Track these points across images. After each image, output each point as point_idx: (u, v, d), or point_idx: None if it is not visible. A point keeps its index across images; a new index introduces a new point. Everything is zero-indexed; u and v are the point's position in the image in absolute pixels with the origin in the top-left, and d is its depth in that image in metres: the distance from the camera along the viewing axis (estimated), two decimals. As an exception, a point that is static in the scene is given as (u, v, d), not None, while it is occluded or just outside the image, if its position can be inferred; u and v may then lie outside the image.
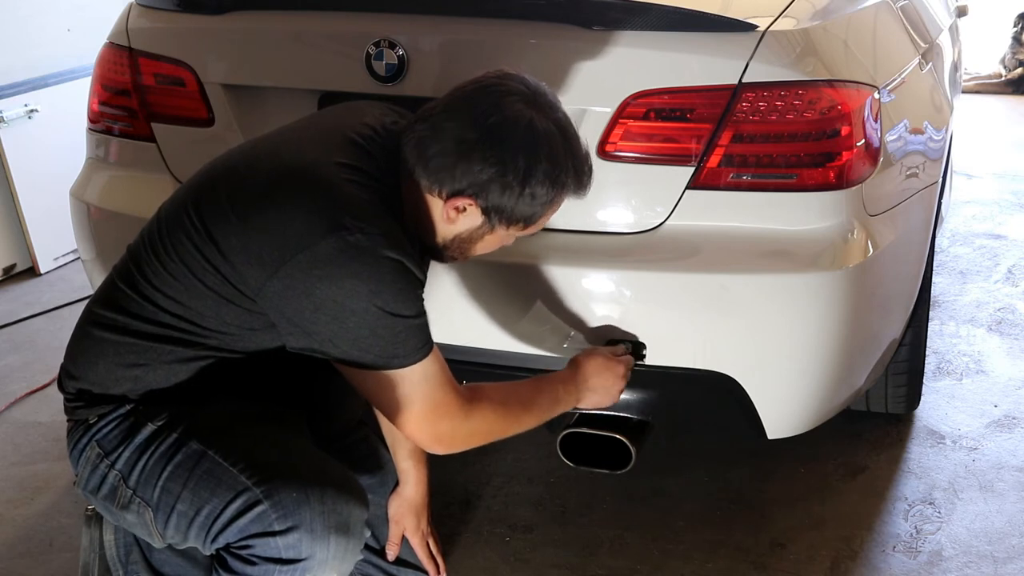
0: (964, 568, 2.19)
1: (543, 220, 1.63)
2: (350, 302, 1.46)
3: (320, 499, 1.50)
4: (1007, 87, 6.88)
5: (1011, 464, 2.55)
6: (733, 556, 2.23)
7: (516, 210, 1.57)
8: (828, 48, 2.00)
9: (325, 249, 1.45)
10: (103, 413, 1.58)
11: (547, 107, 1.57)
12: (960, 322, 3.32)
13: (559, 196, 1.60)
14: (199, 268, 1.52)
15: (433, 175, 1.55)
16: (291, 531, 1.48)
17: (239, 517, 1.50)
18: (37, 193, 3.87)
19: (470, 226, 1.60)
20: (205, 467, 1.52)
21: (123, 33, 2.28)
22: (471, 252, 1.68)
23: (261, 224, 1.48)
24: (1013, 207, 4.45)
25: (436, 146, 1.54)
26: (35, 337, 3.39)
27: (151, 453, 1.54)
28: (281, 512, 1.48)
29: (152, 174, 2.27)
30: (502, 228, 1.61)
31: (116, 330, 1.57)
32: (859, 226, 1.93)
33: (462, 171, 1.53)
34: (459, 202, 1.56)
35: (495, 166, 1.53)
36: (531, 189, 1.55)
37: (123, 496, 1.57)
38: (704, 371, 1.96)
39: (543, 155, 1.54)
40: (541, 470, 2.53)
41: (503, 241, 1.67)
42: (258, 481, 1.50)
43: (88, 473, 1.60)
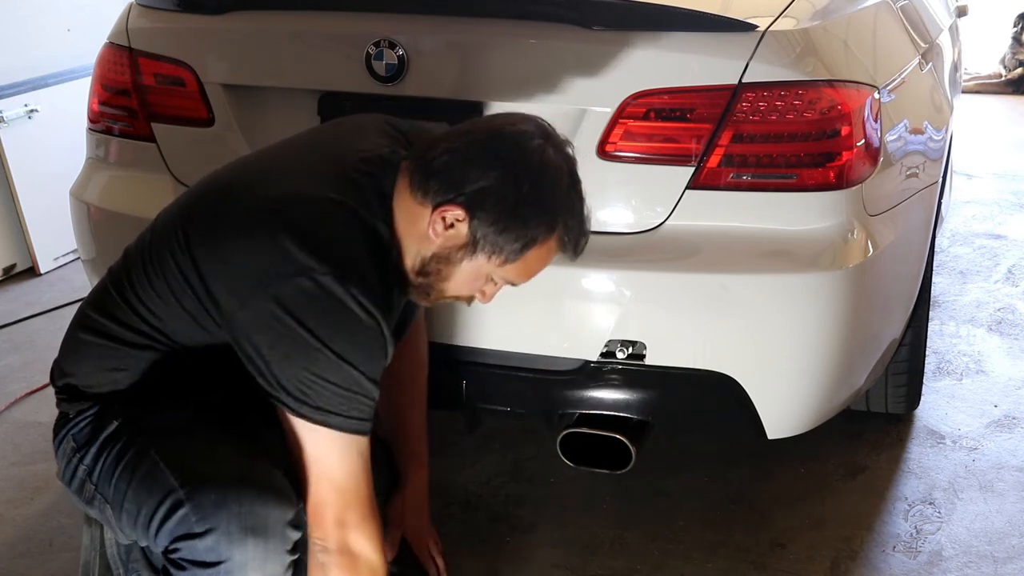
0: (964, 568, 2.19)
1: (522, 268, 1.54)
2: (306, 342, 1.43)
3: (237, 500, 1.48)
4: (1007, 87, 6.88)
5: (1011, 464, 2.55)
6: (733, 556, 2.23)
7: (503, 236, 1.48)
8: (828, 48, 2.00)
9: (295, 287, 1.43)
10: (81, 409, 1.61)
11: (561, 146, 1.53)
12: (960, 322, 3.32)
13: (549, 239, 1.51)
14: (179, 289, 1.53)
15: (429, 179, 1.49)
16: (208, 533, 1.47)
17: (168, 519, 1.50)
18: (37, 193, 3.87)
19: (452, 244, 1.51)
20: (146, 467, 1.53)
21: (123, 33, 2.28)
22: (444, 284, 1.57)
23: (239, 255, 1.48)
24: (1013, 207, 4.45)
25: (440, 150, 1.50)
26: (35, 337, 3.39)
27: (109, 451, 1.57)
28: (200, 514, 1.48)
29: (152, 174, 2.27)
30: (482, 257, 1.51)
31: (101, 334, 1.60)
32: (859, 226, 1.93)
33: (460, 174, 1.47)
34: (447, 211, 1.48)
35: (495, 177, 1.47)
36: (525, 212, 1.47)
37: (88, 491, 1.60)
38: (704, 371, 1.96)
39: (547, 185, 1.48)
40: (541, 470, 2.53)
41: (479, 281, 1.56)
42: (183, 482, 1.50)
43: (64, 466, 1.63)
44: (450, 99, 2.03)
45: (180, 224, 1.56)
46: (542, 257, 1.54)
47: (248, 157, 1.72)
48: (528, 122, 1.53)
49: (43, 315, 3.55)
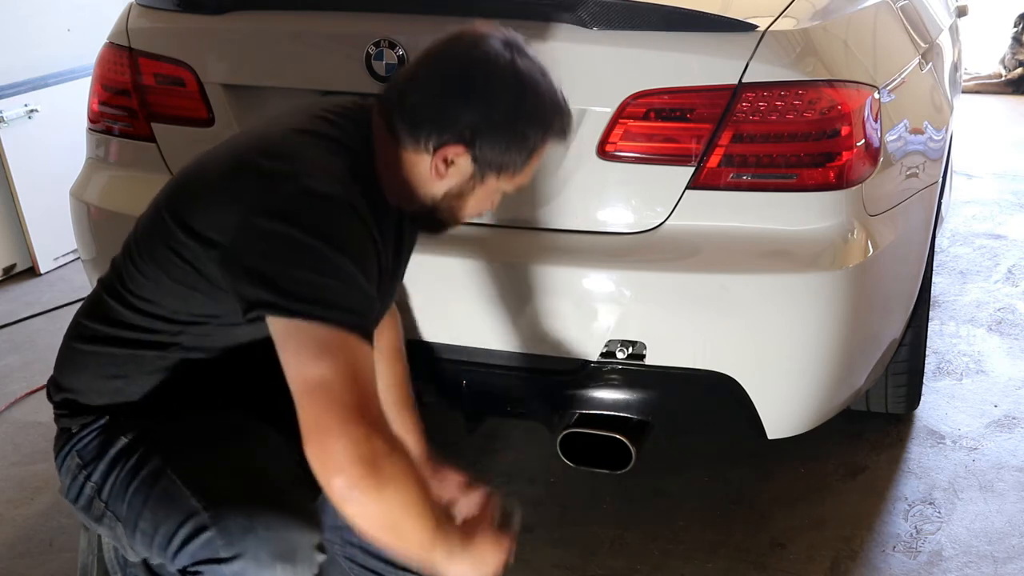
0: (964, 568, 2.19)
1: (529, 169, 1.56)
2: (297, 238, 1.37)
3: (266, 526, 1.44)
4: (1007, 87, 6.88)
5: (1011, 464, 2.55)
6: (733, 556, 2.23)
7: (507, 155, 1.50)
8: (828, 48, 2.00)
9: (281, 197, 1.40)
10: (85, 423, 1.56)
11: (524, 51, 1.53)
12: (960, 322, 3.32)
13: (546, 138, 1.53)
14: (165, 261, 1.49)
15: (417, 127, 1.48)
16: (236, 559, 1.43)
17: (189, 541, 1.46)
18: (37, 193, 3.87)
19: (460, 179, 1.52)
20: (163, 485, 1.49)
21: (123, 33, 2.28)
22: (462, 211, 1.58)
23: (224, 194, 1.45)
24: (1013, 207, 4.45)
25: (416, 96, 1.49)
26: (35, 337, 3.39)
27: (121, 467, 1.52)
28: (227, 539, 1.44)
29: (152, 174, 2.26)
30: (492, 178, 1.53)
31: (97, 340, 1.57)
32: (859, 226, 1.93)
33: (448, 117, 1.47)
34: (448, 152, 1.48)
35: (482, 107, 1.47)
36: (521, 129, 1.49)
37: (97, 509, 1.56)
38: (704, 371, 1.96)
39: (529, 93, 1.49)
40: (541, 470, 2.53)
41: (491, 197, 1.58)
42: (207, 505, 1.45)
43: (69, 482, 1.59)
44: (450, 99, 2.03)
45: (160, 211, 1.54)
46: (541, 156, 1.57)
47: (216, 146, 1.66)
48: (489, 39, 1.52)
49: (43, 315, 3.55)
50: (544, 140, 1.53)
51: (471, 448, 2.62)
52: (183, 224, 1.49)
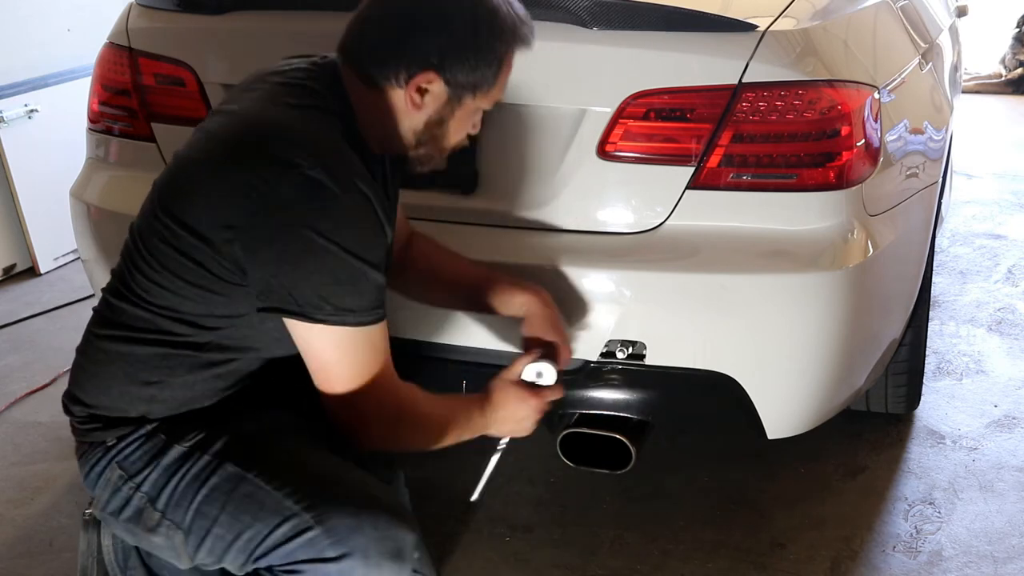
0: (964, 568, 2.19)
1: (502, 82, 1.58)
2: (311, 241, 1.41)
3: (374, 525, 1.48)
4: (1007, 87, 6.88)
5: (1011, 464, 2.55)
6: (733, 556, 2.23)
7: (477, 72, 1.52)
8: (828, 48, 2.00)
9: (284, 191, 1.42)
10: (123, 435, 1.55)
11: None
12: (960, 322, 3.32)
13: (511, 47, 1.55)
14: (178, 266, 1.50)
15: (384, 65, 1.51)
16: (345, 558, 1.46)
17: (287, 542, 1.47)
18: (37, 193, 3.87)
19: (437, 105, 1.54)
20: (245, 491, 1.50)
21: (123, 33, 2.28)
22: (445, 140, 1.60)
23: (222, 192, 1.45)
24: (1013, 207, 4.46)
25: (374, 36, 1.52)
26: (35, 337, 3.39)
27: (183, 475, 1.52)
28: (335, 538, 1.46)
29: (152, 174, 2.22)
30: (469, 99, 1.55)
31: (124, 342, 1.55)
32: (859, 226, 1.93)
33: (411, 47, 1.49)
34: (420, 80, 1.51)
35: (442, 31, 1.49)
36: (486, 42, 1.51)
37: (150, 518, 1.55)
38: (704, 371, 1.96)
39: (483, 8, 1.51)
40: (541, 470, 2.53)
41: (470, 118, 1.60)
42: (308, 506, 1.47)
43: (109, 495, 1.57)
44: (450, 99, 2.03)
45: (158, 209, 1.53)
46: (511, 65, 1.59)
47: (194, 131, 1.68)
48: None
49: (43, 315, 3.55)
50: (509, 50, 1.56)
51: (471, 448, 2.61)
52: (183, 224, 1.49)
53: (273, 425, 1.59)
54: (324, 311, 1.45)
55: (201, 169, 1.51)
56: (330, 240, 1.42)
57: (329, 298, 1.44)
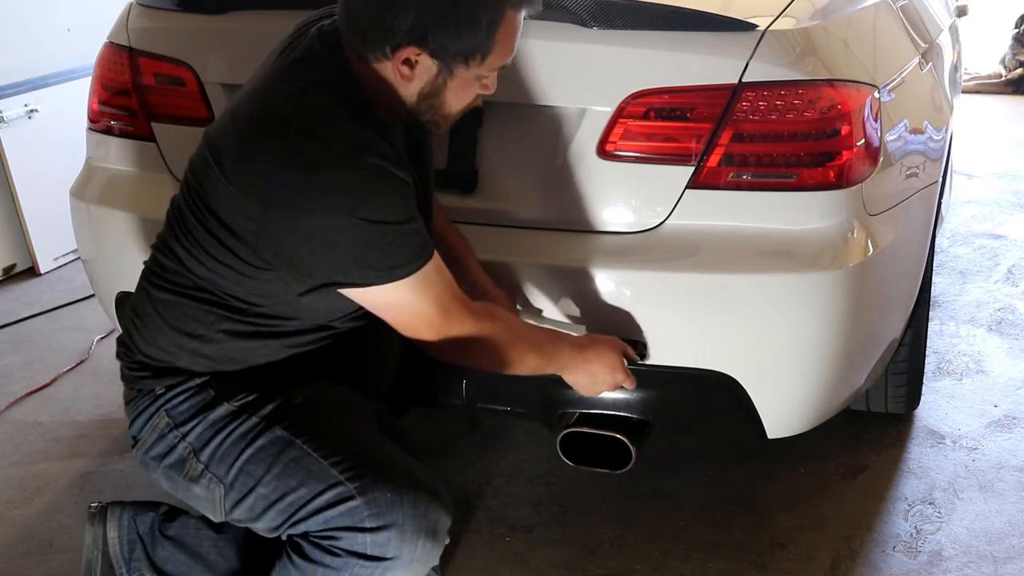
0: (964, 568, 2.19)
1: (502, 49, 1.54)
2: (335, 222, 1.46)
3: (413, 503, 1.54)
4: (1007, 87, 6.88)
5: (1011, 464, 2.55)
6: (733, 556, 2.23)
7: (462, 41, 1.50)
8: (828, 48, 2.00)
9: (294, 178, 1.46)
10: (172, 384, 1.62)
11: None
12: (960, 322, 3.32)
13: (504, 15, 1.51)
14: (213, 247, 1.56)
15: (369, 38, 1.51)
16: (382, 529, 1.52)
17: (328, 509, 1.53)
18: (37, 193, 3.87)
19: (428, 76, 1.53)
20: (292, 455, 1.56)
21: (123, 33, 2.28)
22: (445, 108, 1.59)
23: (242, 181, 1.51)
24: (1013, 207, 4.45)
25: (356, 8, 1.52)
26: (35, 337, 3.38)
27: (229, 432, 1.58)
28: (375, 510, 1.52)
29: (152, 174, 2.27)
30: (462, 68, 1.53)
31: (169, 293, 1.61)
32: (859, 226, 1.93)
33: (391, 20, 1.48)
34: (404, 54, 1.50)
35: (421, 2, 1.47)
36: (467, 13, 1.48)
37: (192, 469, 1.61)
38: (704, 371, 1.96)
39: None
40: (541, 470, 2.53)
41: (471, 86, 1.58)
42: (352, 477, 1.54)
43: (154, 440, 1.64)
44: (450, 99, 2.03)
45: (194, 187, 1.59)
46: (510, 31, 1.55)
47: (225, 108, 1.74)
48: None
49: (43, 315, 3.54)
50: (500, 16, 1.51)
51: (471, 448, 2.62)
52: (212, 212, 1.55)
53: (323, 397, 1.65)
54: (371, 275, 1.51)
55: (221, 156, 1.55)
56: (350, 216, 1.46)
57: (371, 263, 1.50)
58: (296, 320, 1.62)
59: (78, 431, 2.78)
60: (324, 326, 1.64)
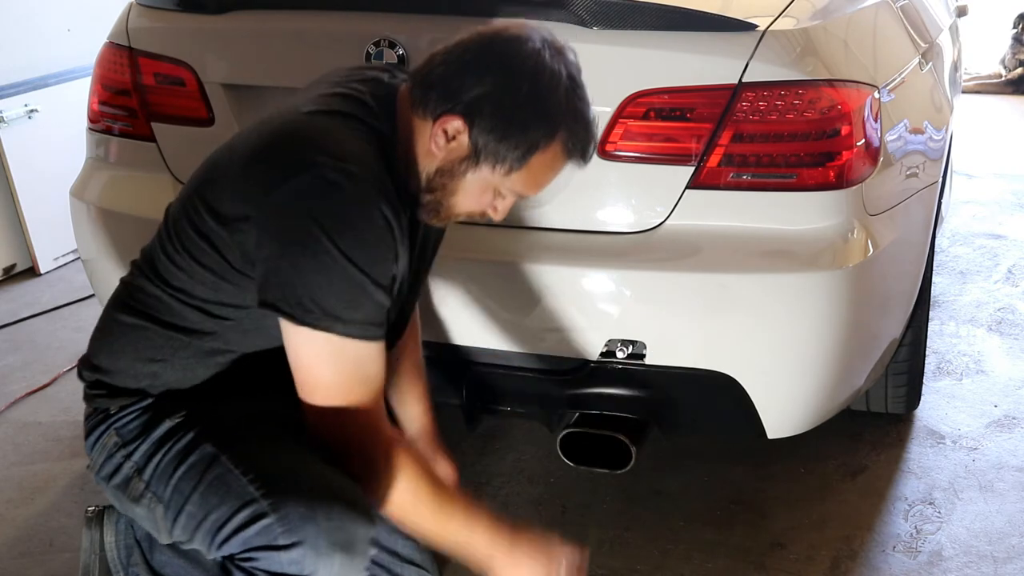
0: (964, 568, 2.19)
1: (529, 176, 1.50)
2: (313, 240, 1.39)
3: (327, 516, 1.46)
4: (1007, 87, 6.88)
5: (1011, 464, 2.55)
6: (733, 556, 2.23)
7: (503, 144, 1.45)
8: (828, 48, 2.00)
9: (299, 183, 1.41)
10: (124, 404, 1.59)
11: (562, 51, 1.49)
12: (960, 322, 3.32)
13: (551, 145, 1.47)
14: (196, 249, 1.52)
15: (428, 91, 1.48)
16: (295, 547, 1.45)
17: (244, 528, 1.47)
18: (37, 193, 3.87)
19: (454, 157, 1.48)
20: (216, 472, 1.50)
21: (123, 33, 2.28)
22: (451, 199, 1.53)
23: (248, 174, 1.47)
24: (1013, 207, 4.45)
25: (439, 65, 1.48)
26: (35, 337, 3.38)
27: (167, 450, 1.54)
28: (287, 527, 1.45)
29: (152, 174, 2.27)
30: (486, 169, 1.48)
31: (138, 318, 1.58)
32: (859, 226, 1.93)
33: (457, 86, 1.45)
34: (447, 122, 1.46)
35: (491, 83, 1.44)
36: (523, 118, 1.44)
37: (135, 488, 1.57)
38: (704, 371, 1.96)
39: (544, 89, 1.45)
40: (541, 470, 2.53)
41: (485, 193, 1.52)
42: (266, 493, 1.47)
43: (103, 460, 1.61)
44: (450, 99, 2.03)
45: (194, 193, 1.56)
46: (548, 165, 1.50)
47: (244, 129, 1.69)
48: (525, 28, 1.50)
49: (43, 315, 3.54)
50: (547, 142, 1.47)
51: (471, 448, 2.62)
52: (210, 208, 1.51)
53: (258, 412, 1.59)
54: (312, 314, 1.42)
55: (236, 159, 1.53)
56: (333, 242, 1.39)
57: (319, 300, 1.41)
58: (257, 346, 1.57)
59: (78, 431, 2.77)
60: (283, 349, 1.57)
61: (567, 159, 1.51)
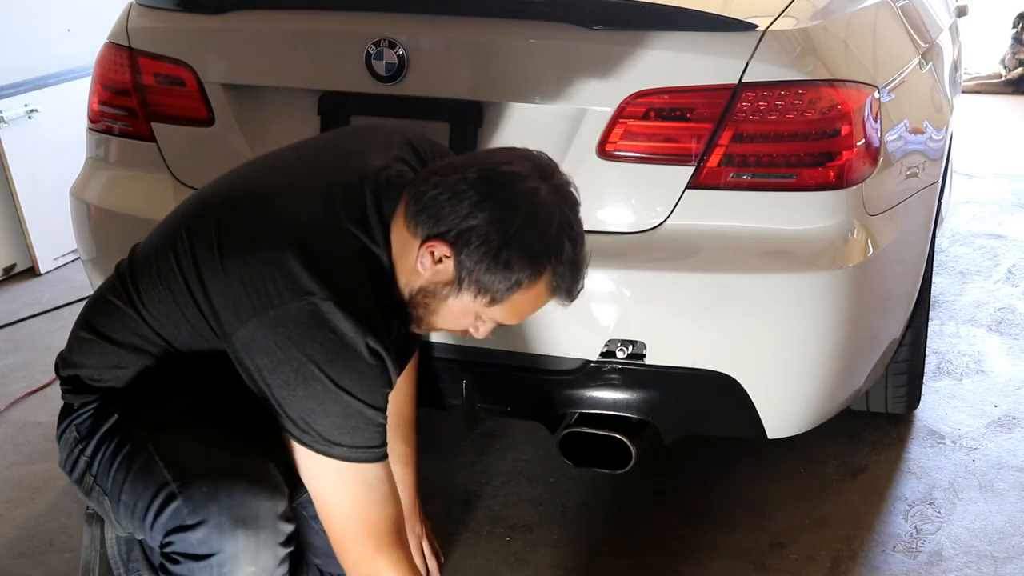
0: (964, 568, 2.19)
1: (510, 309, 1.50)
2: (304, 369, 1.42)
3: (229, 493, 1.48)
4: (1007, 87, 6.88)
5: (1011, 464, 2.55)
6: (733, 556, 2.23)
7: (486, 276, 1.45)
8: (828, 48, 2.00)
9: (295, 310, 1.43)
10: (85, 401, 1.62)
11: (559, 187, 1.48)
12: (960, 322, 3.32)
13: (536, 283, 1.47)
14: (182, 299, 1.54)
15: (419, 212, 1.47)
16: (200, 526, 1.48)
17: (160, 512, 1.50)
18: (37, 193, 3.87)
19: (438, 280, 1.48)
20: (142, 460, 1.54)
21: (123, 33, 2.28)
22: (432, 316, 1.54)
23: (242, 274, 1.47)
24: (1013, 207, 4.45)
25: (433, 188, 1.47)
26: (35, 337, 3.38)
27: (109, 443, 1.58)
28: (191, 507, 1.48)
29: (152, 174, 2.27)
30: (468, 296, 1.48)
31: (102, 336, 1.61)
32: (859, 226, 1.93)
33: (449, 211, 1.44)
34: (435, 246, 1.45)
35: (483, 218, 1.43)
36: (508, 255, 1.43)
37: (87, 482, 1.62)
38: (704, 371, 1.95)
39: (535, 228, 1.44)
40: (541, 470, 2.53)
41: (465, 318, 1.53)
42: (175, 475, 1.50)
43: (66, 455, 1.65)
44: (450, 99, 2.03)
45: (185, 231, 1.56)
46: (531, 300, 1.50)
47: (257, 162, 1.71)
48: (525, 160, 1.49)
49: (43, 315, 3.55)
50: (531, 282, 1.46)
51: (471, 448, 2.62)
52: (198, 271, 1.52)
53: (197, 403, 1.61)
54: (310, 436, 1.47)
55: (231, 230, 1.52)
56: (324, 372, 1.43)
57: (314, 426, 1.46)
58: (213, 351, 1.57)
59: (78, 431, 2.78)
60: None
61: (551, 297, 1.51)
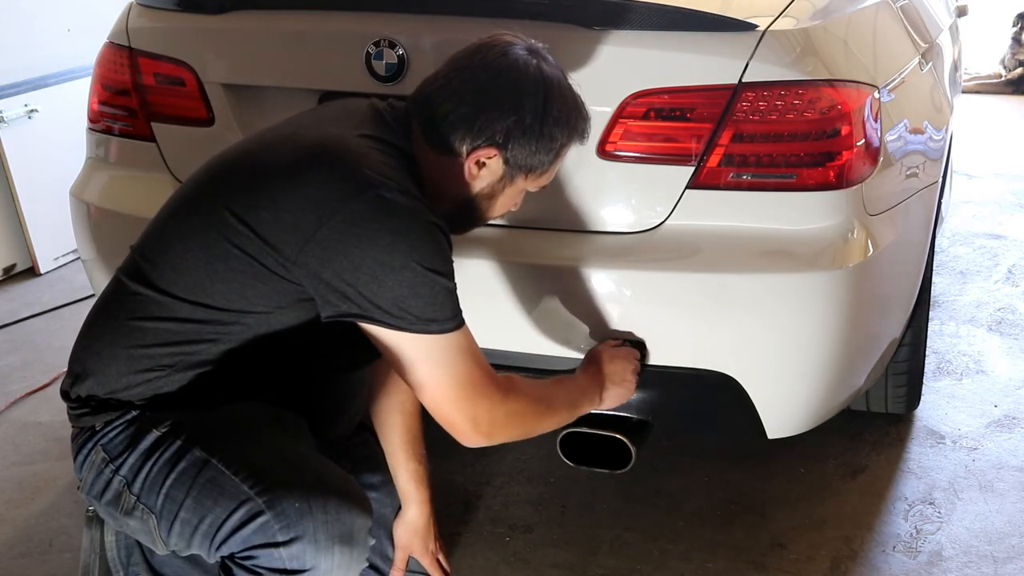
0: (964, 568, 2.19)
1: (553, 169, 1.68)
2: (389, 258, 1.47)
3: (323, 509, 1.48)
4: (1007, 87, 6.88)
5: (1011, 464, 2.55)
6: (733, 556, 2.23)
7: (536, 156, 1.62)
8: (828, 48, 2.00)
9: (362, 206, 1.48)
10: (110, 419, 1.57)
11: (547, 57, 1.65)
12: (960, 322, 3.32)
13: (571, 139, 1.66)
14: (222, 252, 1.52)
15: (451, 132, 1.59)
16: (294, 542, 1.47)
17: (242, 527, 1.48)
18: (37, 193, 3.87)
19: (492, 179, 1.64)
20: (208, 475, 1.51)
21: (123, 33, 2.28)
22: (491, 211, 1.70)
23: (293, 196, 1.50)
24: (1013, 207, 4.46)
25: (449, 104, 1.59)
26: (35, 337, 3.39)
27: (155, 460, 1.53)
28: (284, 523, 1.47)
29: (152, 174, 2.27)
30: (520, 178, 1.65)
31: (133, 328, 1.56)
32: (859, 226, 1.93)
33: (482, 123, 1.58)
34: (481, 155, 1.60)
35: (512, 113, 1.58)
36: (549, 130, 1.60)
37: (127, 502, 1.56)
38: (704, 371, 1.96)
39: (555, 98, 1.61)
40: (541, 470, 2.53)
41: (517, 197, 1.70)
42: (260, 491, 1.48)
43: (93, 478, 1.59)
44: (450, 99, 2.03)
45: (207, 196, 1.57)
46: (565, 153, 1.70)
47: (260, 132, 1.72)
48: (514, 47, 1.63)
49: (43, 315, 3.55)
50: (569, 141, 1.66)
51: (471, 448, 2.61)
52: (238, 216, 1.51)
53: (246, 413, 1.60)
54: (407, 320, 1.50)
55: (271, 173, 1.54)
56: (406, 256, 1.47)
57: (410, 309, 1.50)
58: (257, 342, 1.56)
59: (78, 431, 2.78)
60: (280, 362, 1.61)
61: (577, 144, 1.70)
